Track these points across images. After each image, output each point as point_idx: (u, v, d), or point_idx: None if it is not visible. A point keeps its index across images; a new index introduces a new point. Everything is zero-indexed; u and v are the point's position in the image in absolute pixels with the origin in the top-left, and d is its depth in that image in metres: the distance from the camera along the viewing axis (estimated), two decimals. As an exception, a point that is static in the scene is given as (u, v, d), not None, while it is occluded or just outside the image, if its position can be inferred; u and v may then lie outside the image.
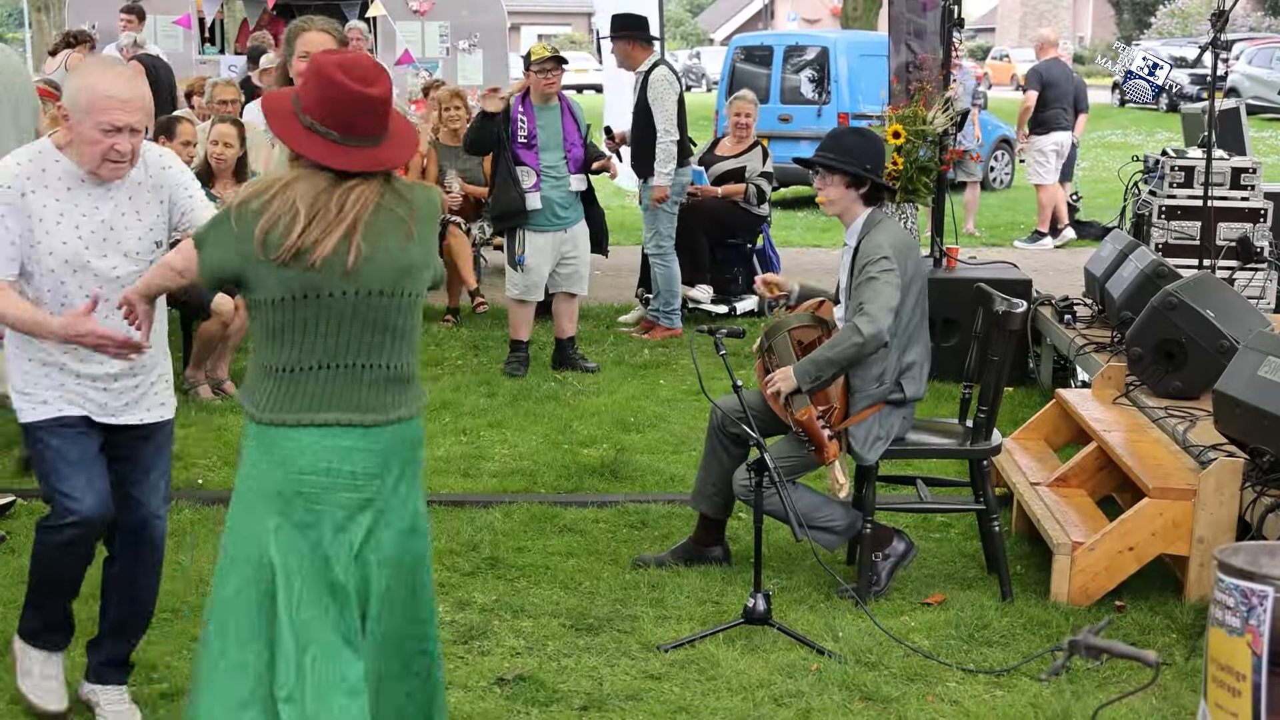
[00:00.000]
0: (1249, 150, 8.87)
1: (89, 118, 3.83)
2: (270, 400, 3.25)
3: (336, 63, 3.21)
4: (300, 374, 3.23)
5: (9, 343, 4.06)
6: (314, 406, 3.24)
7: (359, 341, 3.25)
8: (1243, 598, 3.21)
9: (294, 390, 3.24)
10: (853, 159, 5.13)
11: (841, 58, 16.93)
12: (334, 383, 3.25)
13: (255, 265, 3.17)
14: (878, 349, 4.97)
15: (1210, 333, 5.83)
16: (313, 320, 3.20)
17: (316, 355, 3.23)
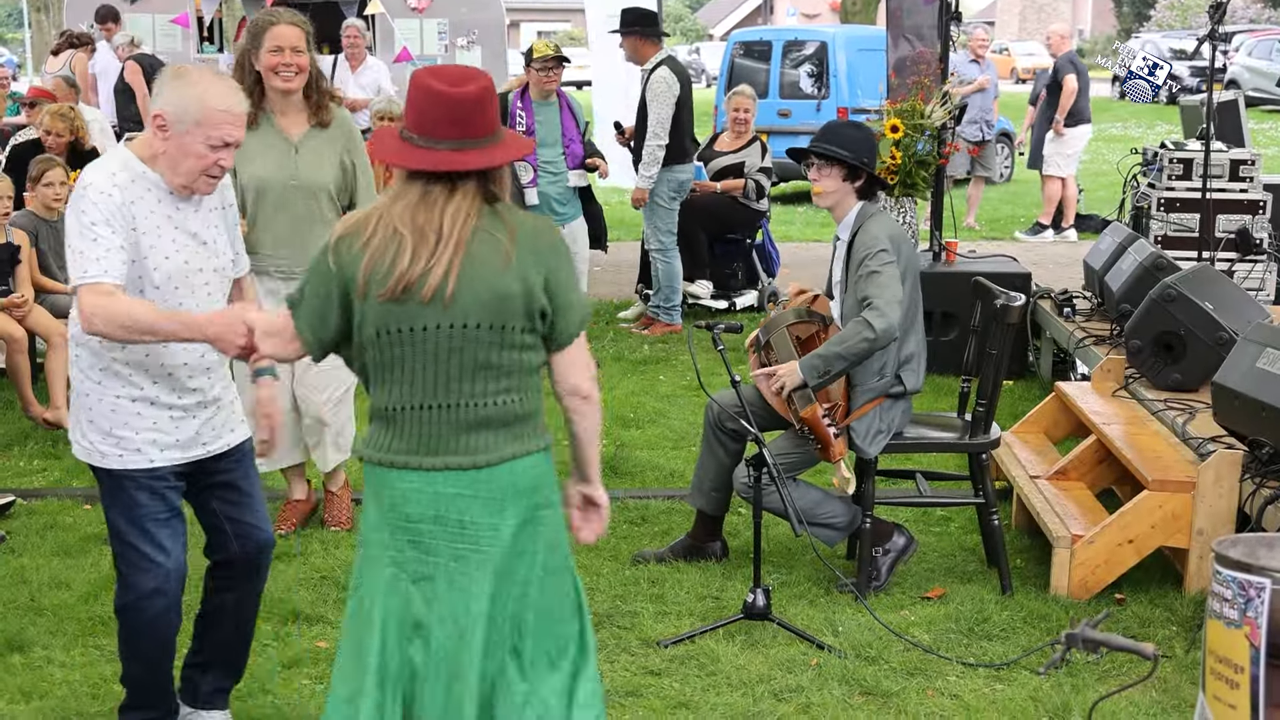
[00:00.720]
0: (1248, 142, 8.86)
1: (199, 131, 3.57)
2: (375, 443, 3.11)
3: (430, 71, 3.08)
4: (401, 414, 3.06)
5: (85, 377, 3.71)
6: (419, 450, 3.06)
7: (459, 379, 3.05)
8: (1240, 590, 3.21)
9: (396, 432, 3.08)
10: (850, 151, 5.12)
11: (840, 52, 16.92)
12: (435, 424, 3.06)
13: (350, 299, 3.03)
14: (889, 343, 4.95)
15: (1209, 325, 5.82)
16: (409, 357, 3.03)
17: (416, 395, 3.05)
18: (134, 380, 3.68)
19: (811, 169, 5.18)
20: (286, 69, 5.13)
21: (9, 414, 7.39)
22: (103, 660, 4.53)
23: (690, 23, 65.74)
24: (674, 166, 9.31)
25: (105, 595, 5.03)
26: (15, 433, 7.15)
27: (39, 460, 6.75)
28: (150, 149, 3.64)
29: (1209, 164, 7.64)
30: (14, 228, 7.41)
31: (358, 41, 12.06)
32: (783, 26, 35.89)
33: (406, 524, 3.08)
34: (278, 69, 5.12)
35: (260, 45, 5.06)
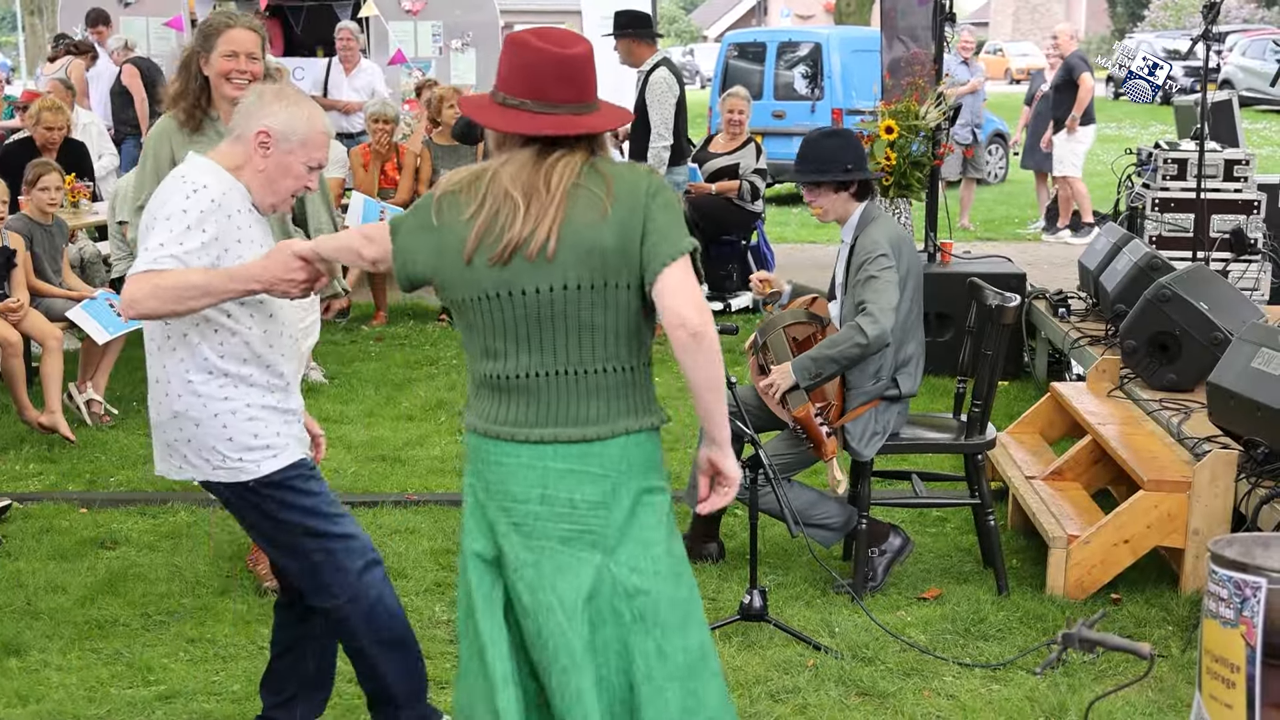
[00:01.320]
0: (1242, 142, 8.87)
1: (303, 151, 3.56)
2: (481, 412, 3.03)
3: (532, 32, 2.99)
4: (506, 382, 2.97)
5: (202, 396, 3.50)
6: (526, 421, 2.97)
7: (565, 344, 2.94)
8: (1236, 589, 3.21)
9: (502, 402, 2.99)
10: (835, 164, 5.12)
11: (835, 53, 16.94)
12: (542, 392, 2.96)
13: (451, 264, 2.97)
14: (881, 349, 4.96)
15: (1204, 325, 5.83)
16: (512, 322, 2.94)
17: (521, 363, 2.96)
18: (255, 386, 3.53)
19: (805, 192, 5.23)
20: (240, 76, 4.73)
21: (4, 418, 7.38)
22: (99, 663, 4.53)
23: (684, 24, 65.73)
24: (670, 168, 9.30)
25: (101, 599, 5.03)
26: (11, 437, 7.14)
27: (35, 464, 6.74)
28: (235, 162, 3.56)
29: (1203, 164, 7.65)
30: (9, 231, 7.40)
31: (351, 44, 12.05)
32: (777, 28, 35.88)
33: (512, 504, 2.99)
34: (230, 75, 4.73)
35: (213, 48, 4.73)
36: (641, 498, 3.00)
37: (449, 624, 4.84)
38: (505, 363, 2.97)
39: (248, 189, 3.55)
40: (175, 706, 4.25)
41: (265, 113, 3.55)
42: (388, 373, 8.46)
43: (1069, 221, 14.06)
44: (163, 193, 3.51)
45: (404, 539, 5.62)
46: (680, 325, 2.87)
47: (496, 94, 2.99)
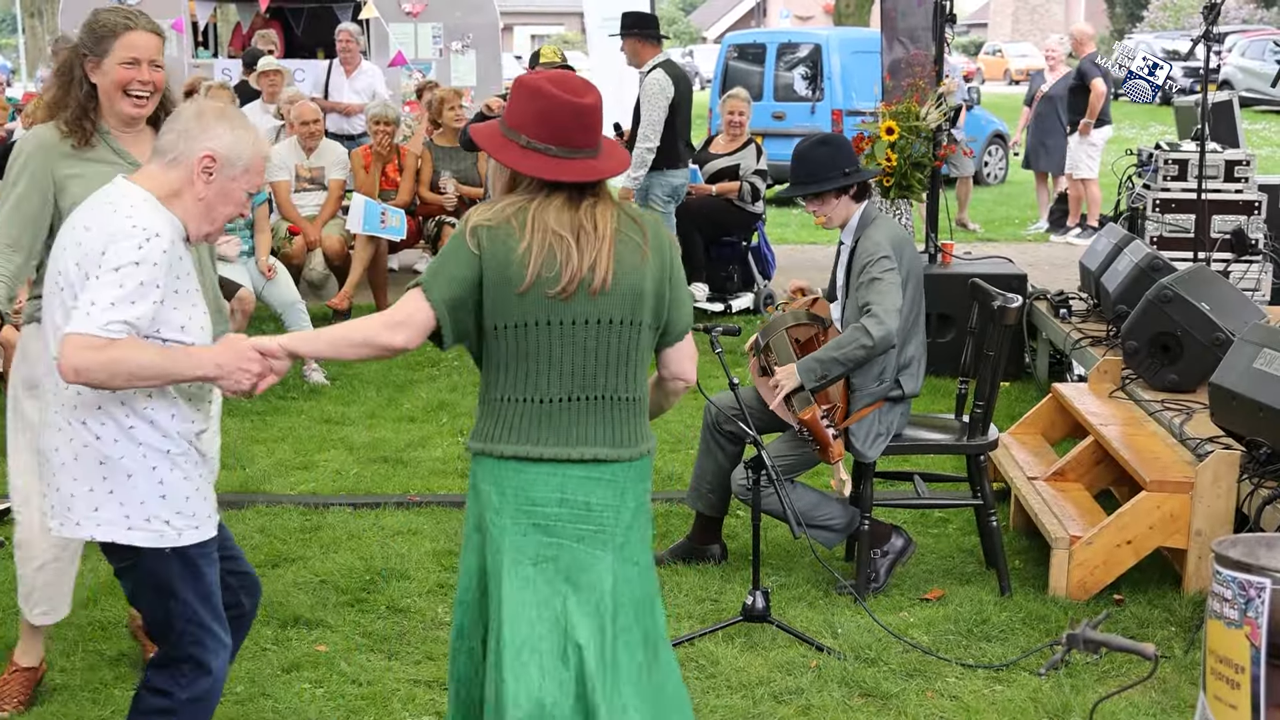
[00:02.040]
0: (1242, 143, 8.87)
1: (246, 178, 3.32)
2: (510, 435, 3.17)
3: (546, 78, 3.15)
4: (543, 405, 3.16)
5: (122, 447, 3.21)
6: (563, 440, 3.17)
7: (605, 371, 3.19)
8: (1240, 590, 3.21)
9: (535, 423, 3.16)
10: (831, 172, 5.12)
11: (834, 54, 16.95)
12: (581, 414, 3.18)
13: (503, 293, 3.10)
14: (887, 350, 4.96)
15: (1205, 325, 5.83)
16: (558, 349, 3.13)
17: (565, 386, 3.16)
18: (175, 437, 3.26)
19: (806, 205, 5.26)
20: (142, 88, 4.02)
21: (4, 419, 7.37)
22: (102, 665, 4.53)
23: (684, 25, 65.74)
24: (668, 170, 9.30)
25: (104, 600, 5.03)
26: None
27: (36, 466, 6.74)
28: (170, 188, 3.25)
29: (1204, 165, 7.65)
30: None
31: (351, 46, 12.05)
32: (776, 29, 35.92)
33: (531, 508, 3.17)
34: (130, 87, 4.01)
35: (106, 52, 4.00)
36: (642, 501, 3.28)
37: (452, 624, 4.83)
38: (548, 387, 3.16)
39: (183, 220, 3.25)
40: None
41: (210, 135, 3.25)
42: (389, 374, 8.46)
43: (1077, 222, 14.07)
44: (104, 230, 3.14)
45: (406, 540, 5.62)
46: (681, 378, 3.43)
47: (518, 136, 3.16)
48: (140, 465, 3.20)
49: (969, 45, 49.56)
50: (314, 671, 4.49)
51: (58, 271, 3.21)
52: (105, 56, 4.00)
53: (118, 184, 3.26)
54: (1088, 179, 13.77)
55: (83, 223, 3.19)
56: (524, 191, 3.17)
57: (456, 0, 13.57)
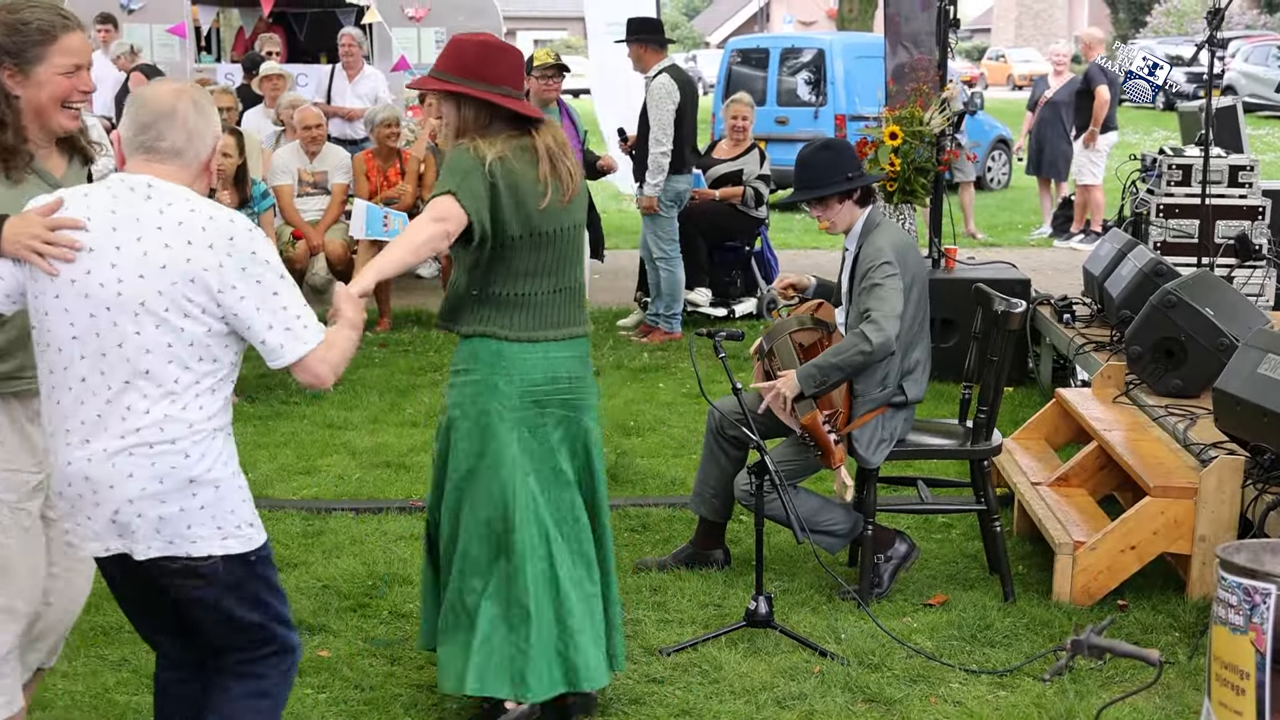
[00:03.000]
0: (1246, 148, 8.87)
1: (214, 159, 3.29)
2: (521, 321, 3.97)
3: (489, 38, 4.02)
4: (539, 297, 3.98)
5: (223, 465, 3.16)
6: (555, 324, 4.02)
7: (570, 265, 4.04)
8: (1245, 595, 3.21)
9: (533, 313, 3.98)
10: (834, 176, 5.12)
11: (837, 60, 16.96)
12: (563, 303, 4.04)
13: (524, 210, 3.89)
14: (886, 357, 4.96)
15: (1210, 331, 5.82)
16: (552, 250, 3.96)
17: (553, 281, 4.00)
18: (231, 436, 3.26)
19: (811, 210, 5.27)
20: (83, 98, 3.57)
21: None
22: (105, 669, 4.53)
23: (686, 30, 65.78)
24: (672, 175, 9.31)
25: (107, 606, 5.01)
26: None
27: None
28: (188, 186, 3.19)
29: (1208, 170, 7.64)
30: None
31: (354, 50, 12.05)
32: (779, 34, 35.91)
33: (532, 388, 3.99)
34: (71, 97, 3.51)
35: (39, 60, 3.42)
36: (591, 370, 4.20)
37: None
38: (536, 282, 3.98)
39: None
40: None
41: (213, 124, 3.21)
42: (392, 379, 8.46)
43: (1080, 227, 14.07)
44: (225, 233, 3.06)
45: (409, 545, 5.61)
46: None
47: (498, 87, 3.92)
48: (223, 473, 3.16)
49: (972, 50, 49.53)
50: (316, 677, 4.49)
51: (170, 282, 3.04)
52: (37, 64, 3.43)
53: (164, 186, 3.10)
54: (1091, 184, 13.77)
55: (184, 237, 3.05)
56: (497, 129, 3.92)
57: (459, 5, 13.55)
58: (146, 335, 3.04)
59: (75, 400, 3.08)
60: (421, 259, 4.00)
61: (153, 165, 3.15)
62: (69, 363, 3.08)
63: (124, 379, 3.05)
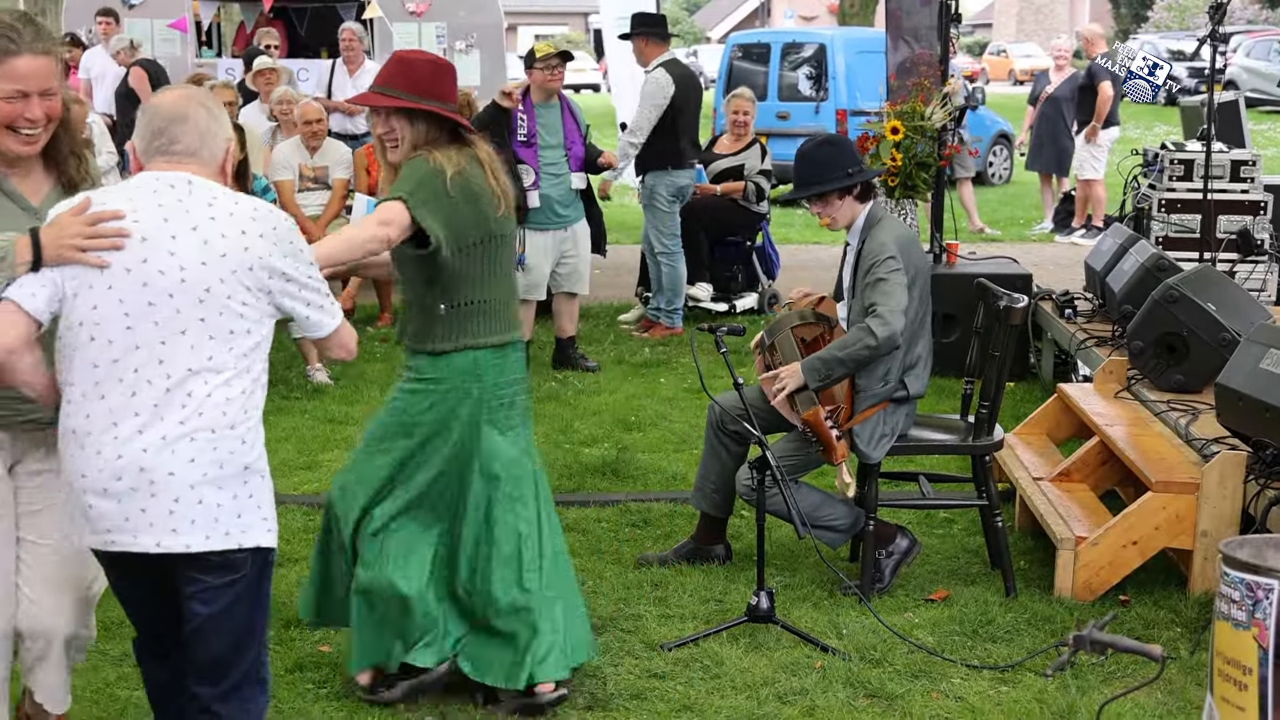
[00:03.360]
0: (1248, 143, 8.86)
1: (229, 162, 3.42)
2: (489, 328, 4.15)
3: (436, 56, 4.23)
4: (496, 304, 4.18)
5: (260, 449, 3.26)
6: (512, 326, 4.24)
7: (511, 270, 4.28)
8: (1248, 591, 3.20)
9: (494, 319, 4.17)
10: (834, 172, 5.11)
11: (839, 54, 16.93)
12: (514, 306, 4.29)
13: (481, 218, 4.09)
14: (891, 350, 4.95)
15: (1211, 326, 5.81)
16: (500, 258, 4.18)
17: (505, 287, 4.22)
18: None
19: (811, 206, 5.26)
20: (31, 125, 3.41)
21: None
22: (106, 665, 4.53)
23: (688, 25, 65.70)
24: (673, 170, 9.31)
25: (108, 600, 5.00)
26: None
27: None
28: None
29: (1210, 165, 7.63)
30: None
31: (354, 45, 12.03)
32: (781, 29, 35.92)
33: (505, 388, 4.22)
34: (17, 123, 3.39)
35: None
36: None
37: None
38: (495, 287, 4.19)
39: None
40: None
41: (225, 127, 3.30)
42: (392, 374, 8.41)
43: (1082, 222, 14.07)
44: (269, 221, 3.20)
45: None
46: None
47: (444, 104, 4.12)
48: (264, 464, 3.26)
49: (974, 45, 49.50)
50: (317, 672, 4.49)
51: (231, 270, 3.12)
52: None
53: (201, 180, 3.19)
54: (1092, 179, 13.78)
55: (238, 226, 3.14)
56: (444, 142, 4.11)
57: (460, 0, 13.55)
58: (210, 322, 3.10)
59: (127, 392, 3.08)
60: (355, 258, 4.02)
61: (173, 167, 3.20)
62: (121, 354, 3.08)
63: (186, 366, 3.09)
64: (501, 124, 8.08)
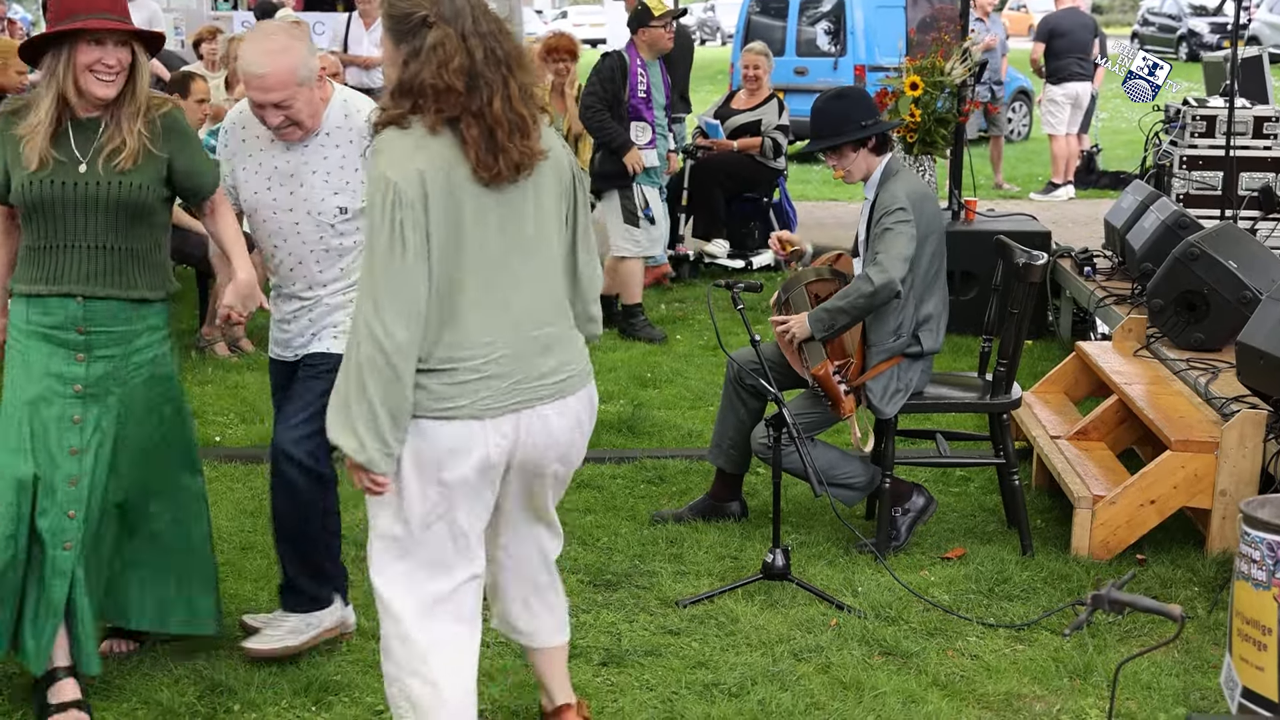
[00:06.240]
0: (1271, 99, 8.75)
1: (248, 90, 4.03)
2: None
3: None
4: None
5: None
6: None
7: None
8: (1269, 551, 3.18)
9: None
10: (847, 125, 5.08)
11: (857, 9, 16.79)
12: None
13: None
14: (890, 298, 4.92)
15: (1232, 284, 5.77)
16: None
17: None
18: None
19: (826, 159, 5.21)
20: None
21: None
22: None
23: (705, -20, 65.21)
24: None
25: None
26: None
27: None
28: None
29: (1233, 120, 7.55)
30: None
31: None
32: (799, -16, 35.61)
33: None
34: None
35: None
36: None
37: (471, 581, 4.83)
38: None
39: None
40: (199, 662, 4.25)
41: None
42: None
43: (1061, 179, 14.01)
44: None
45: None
46: None
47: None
48: None
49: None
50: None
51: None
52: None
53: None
54: (1054, 135, 13.71)
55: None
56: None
57: (476, -47, 13.47)
58: None
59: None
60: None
61: None
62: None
63: None
64: (620, 79, 8.00)
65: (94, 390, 3.90)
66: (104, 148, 3.82)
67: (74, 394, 3.88)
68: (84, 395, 3.89)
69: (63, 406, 3.87)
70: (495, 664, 4.26)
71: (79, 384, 3.88)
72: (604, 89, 8.03)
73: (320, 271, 4.21)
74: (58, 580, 3.84)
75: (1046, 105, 13.69)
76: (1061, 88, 13.50)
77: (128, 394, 3.95)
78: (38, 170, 3.79)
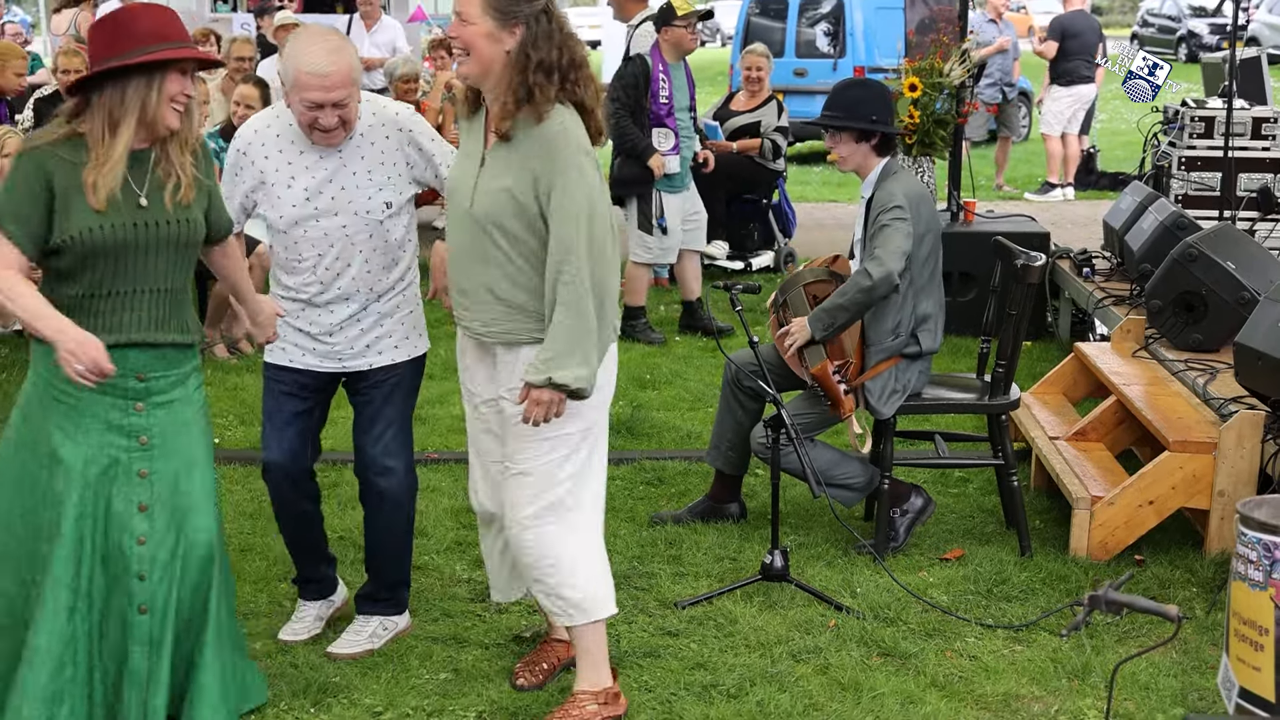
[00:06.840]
0: (1270, 100, 8.76)
1: (295, 93, 3.93)
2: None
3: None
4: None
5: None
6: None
7: None
8: (1266, 551, 3.19)
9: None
10: (859, 113, 5.09)
11: (857, 11, 16.80)
12: None
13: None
14: (889, 292, 4.93)
15: (1231, 284, 5.77)
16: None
17: None
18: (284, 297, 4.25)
19: (827, 136, 5.19)
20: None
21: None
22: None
23: (705, -19, 65.21)
24: None
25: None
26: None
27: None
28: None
29: (1231, 122, 7.56)
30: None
31: (372, 1, 11.99)
32: (798, -15, 35.60)
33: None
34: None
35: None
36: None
37: (470, 582, 4.85)
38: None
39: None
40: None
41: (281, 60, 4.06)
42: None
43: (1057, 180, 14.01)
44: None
45: (424, 497, 5.61)
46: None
47: None
48: None
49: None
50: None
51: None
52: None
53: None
54: (1049, 135, 13.72)
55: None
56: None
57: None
58: None
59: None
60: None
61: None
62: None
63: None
64: (643, 85, 7.97)
65: (157, 441, 3.64)
66: (163, 183, 3.58)
67: (140, 447, 3.62)
68: (150, 447, 3.63)
69: (128, 461, 3.61)
70: (495, 665, 4.27)
71: (143, 435, 3.62)
72: (626, 95, 8.03)
73: (374, 273, 4.16)
74: (137, 648, 3.65)
75: (1048, 105, 13.67)
76: (1069, 90, 13.51)
77: (190, 441, 3.71)
78: (103, 212, 3.48)
